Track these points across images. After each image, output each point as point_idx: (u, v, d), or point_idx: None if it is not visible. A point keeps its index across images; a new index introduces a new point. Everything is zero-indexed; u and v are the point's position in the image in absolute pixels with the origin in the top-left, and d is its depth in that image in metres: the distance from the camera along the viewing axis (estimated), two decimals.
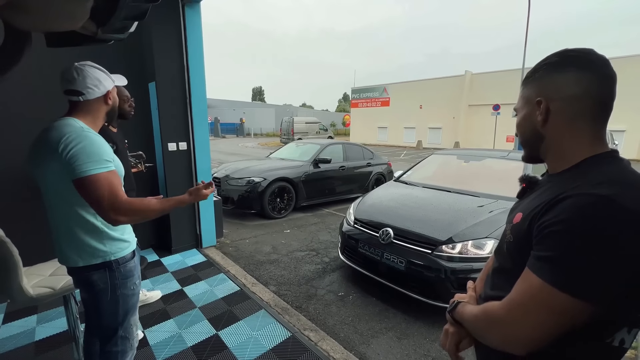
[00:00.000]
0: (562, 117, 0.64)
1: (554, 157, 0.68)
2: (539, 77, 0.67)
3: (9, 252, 1.40)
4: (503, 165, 3.41)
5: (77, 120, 1.16)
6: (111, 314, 1.25)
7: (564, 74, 0.63)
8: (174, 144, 3.34)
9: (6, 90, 2.54)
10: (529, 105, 0.69)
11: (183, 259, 3.38)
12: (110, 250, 1.20)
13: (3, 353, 1.95)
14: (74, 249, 1.17)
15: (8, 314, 2.34)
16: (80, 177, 1.06)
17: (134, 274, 1.29)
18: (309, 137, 21.21)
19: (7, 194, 2.61)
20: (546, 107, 0.65)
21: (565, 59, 0.64)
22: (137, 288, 1.34)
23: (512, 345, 0.58)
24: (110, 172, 1.12)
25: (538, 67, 0.68)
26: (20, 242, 1.49)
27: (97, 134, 1.17)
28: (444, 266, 2.27)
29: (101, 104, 1.24)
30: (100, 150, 1.11)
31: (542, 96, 0.65)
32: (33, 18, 1.16)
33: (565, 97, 0.63)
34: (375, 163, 6.64)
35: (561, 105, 0.63)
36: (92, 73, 1.18)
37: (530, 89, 0.69)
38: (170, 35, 3.17)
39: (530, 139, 0.71)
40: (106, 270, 1.20)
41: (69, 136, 1.07)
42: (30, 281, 1.58)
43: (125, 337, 1.31)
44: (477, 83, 22.54)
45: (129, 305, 1.29)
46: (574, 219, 0.53)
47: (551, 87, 0.64)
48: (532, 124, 0.69)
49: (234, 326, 2.25)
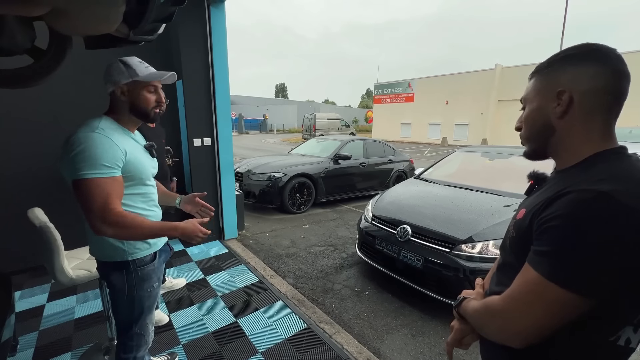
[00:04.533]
0: (580, 110, 0.62)
1: (562, 153, 0.67)
2: (559, 68, 0.65)
3: (52, 237, 1.55)
4: (530, 163, 3.25)
5: (103, 118, 1.17)
6: (126, 311, 1.28)
7: (587, 67, 0.61)
8: (199, 140, 3.49)
9: (62, 86, 2.78)
10: (544, 97, 0.67)
11: (206, 249, 3.54)
12: (128, 249, 1.21)
13: (48, 328, 2.17)
14: (98, 245, 1.21)
15: (52, 294, 2.58)
16: (75, 179, 1.05)
17: (152, 277, 1.29)
18: (330, 133, 21.21)
19: (52, 184, 2.87)
20: (569, 98, 0.62)
21: (588, 52, 0.62)
22: (155, 290, 1.33)
23: (510, 337, 0.59)
24: (107, 178, 1.07)
25: (556, 59, 0.66)
26: (62, 228, 1.65)
27: (108, 136, 1.11)
28: (463, 265, 2.23)
29: (118, 99, 1.20)
30: (102, 155, 1.06)
31: (565, 87, 0.63)
32: (74, 23, 1.27)
33: (587, 90, 0.61)
34: (396, 160, 6.54)
35: (582, 98, 0.62)
36: (110, 68, 1.19)
37: (548, 79, 0.66)
38: (196, 35, 3.30)
39: (540, 132, 0.69)
40: (123, 271, 1.22)
41: (76, 136, 1.07)
42: (70, 264, 1.74)
43: (140, 334, 1.33)
44: (507, 77, 21.41)
45: (144, 306, 1.29)
46: (572, 214, 0.53)
47: (573, 78, 0.62)
48: (545, 115, 0.67)
49: (253, 315, 2.34)
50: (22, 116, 2.77)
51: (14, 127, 2.76)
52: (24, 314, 2.30)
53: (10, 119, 2.73)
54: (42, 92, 2.74)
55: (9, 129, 2.74)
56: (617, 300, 0.54)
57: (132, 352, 1.34)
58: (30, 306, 2.41)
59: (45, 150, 2.85)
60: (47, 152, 2.86)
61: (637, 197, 0.51)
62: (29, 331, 2.12)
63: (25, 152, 2.81)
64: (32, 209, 1.70)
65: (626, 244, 0.50)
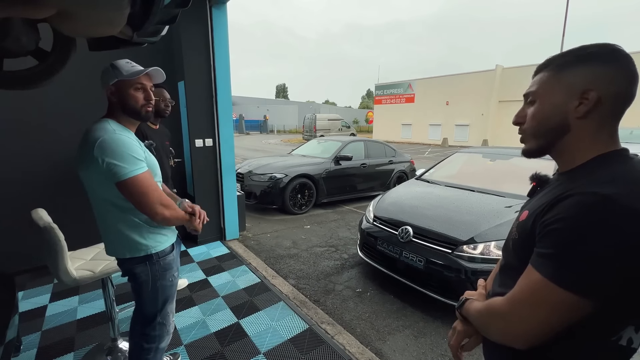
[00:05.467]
0: (604, 111, 0.60)
1: (568, 153, 0.65)
2: (581, 66, 0.61)
3: (56, 237, 1.56)
4: (531, 164, 3.26)
5: (110, 121, 1.22)
6: (151, 302, 1.35)
7: (612, 68, 0.59)
8: (200, 141, 3.50)
9: (67, 86, 2.78)
10: (564, 93, 0.62)
11: (208, 250, 3.55)
12: (150, 244, 1.28)
13: (51, 328, 2.17)
14: (119, 244, 1.27)
15: (54, 294, 2.58)
16: (124, 180, 1.13)
17: (172, 266, 1.37)
18: (331, 134, 21.22)
19: (56, 185, 2.88)
20: (597, 98, 0.59)
21: (611, 53, 0.60)
22: (176, 279, 1.42)
23: (513, 339, 0.59)
24: (147, 171, 1.19)
25: (574, 55, 0.62)
26: (65, 228, 1.65)
27: (128, 135, 1.21)
28: (465, 266, 2.23)
29: (110, 101, 1.25)
30: (136, 152, 1.17)
31: (593, 86, 0.59)
32: (78, 25, 1.28)
33: (614, 92, 0.59)
34: (397, 161, 6.55)
35: (608, 100, 0.59)
36: (102, 72, 1.24)
37: (567, 76, 0.62)
38: (198, 36, 3.31)
39: (553, 129, 0.65)
40: (147, 263, 1.29)
41: (102, 140, 1.12)
42: (73, 264, 1.75)
43: (163, 324, 1.41)
44: (508, 78, 21.41)
45: (167, 295, 1.38)
46: (574, 217, 0.53)
47: (601, 78, 0.59)
48: (562, 113, 0.63)
49: (254, 316, 2.34)
50: (24, 117, 2.78)
51: (17, 128, 2.76)
52: (27, 314, 2.31)
53: (13, 120, 2.73)
54: (46, 94, 2.76)
55: (13, 130, 2.74)
56: (620, 301, 0.54)
57: (154, 342, 1.40)
58: (33, 306, 2.41)
59: (49, 151, 2.86)
60: (50, 154, 2.88)
61: (638, 198, 0.51)
62: (32, 331, 2.13)
63: (29, 153, 2.82)
64: (36, 209, 1.70)
65: (629, 247, 0.50)
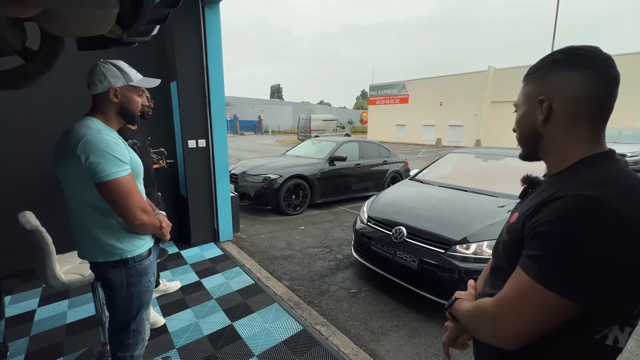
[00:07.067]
0: (563, 117, 0.63)
1: (551, 157, 0.68)
2: (543, 75, 0.65)
3: (44, 241, 1.53)
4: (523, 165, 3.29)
5: (94, 120, 1.18)
6: (125, 309, 1.30)
7: (568, 73, 0.61)
8: (193, 141, 3.47)
9: (54, 86, 2.73)
10: (530, 103, 0.67)
11: (201, 252, 3.51)
12: (126, 247, 1.23)
13: (39, 333, 2.13)
14: (92, 246, 1.21)
15: (43, 298, 2.53)
16: (104, 181, 1.09)
17: (148, 271, 1.32)
18: (326, 134, 21.23)
19: (43, 187, 2.82)
20: (549, 107, 0.63)
21: (571, 57, 0.62)
22: (152, 285, 1.37)
23: (501, 340, 0.60)
24: (130, 174, 1.16)
25: (542, 64, 0.66)
26: (53, 231, 1.62)
27: (112, 135, 1.18)
28: (458, 266, 2.25)
29: (108, 101, 1.22)
30: (120, 153, 1.13)
31: (544, 95, 0.64)
32: (65, 24, 1.25)
33: (568, 97, 0.61)
34: (391, 161, 6.58)
35: (563, 106, 0.62)
36: (101, 69, 1.20)
37: (532, 86, 0.67)
38: (190, 36, 3.28)
39: (529, 138, 0.70)
40: (122, 268, 1.24)
41: (85, 139, 1.09)
42: (62, 267, 1.71)
43: (137, 331, 1.35)
44: (500, 79, 21.68)
45: (142, 301, 1.33)
46: (561, 219, 0.54)
47: (554, 86, 0.63)
48: (532, 122, 0.68)
49: (248, 318, 2.33)
50: (12, 119, 2.73)
51: (2, 129, 2.71)
52: (14, 319, 2.26)
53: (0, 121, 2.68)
54: (33, 94, 2.70)
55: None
56: (606, 302, 0.54)
57: (129, 350, 1.35)
58: (21, 311, 2.36)
59: (35, 153, 2.80)
60: (37, 155, 2.82)
61: (625, 201, 0.52)
62: (20, 337, 2.08)
63: (15, 155, 2.77)
64: (23, 212, 1.67)
65: (615, 248, 0.50)
